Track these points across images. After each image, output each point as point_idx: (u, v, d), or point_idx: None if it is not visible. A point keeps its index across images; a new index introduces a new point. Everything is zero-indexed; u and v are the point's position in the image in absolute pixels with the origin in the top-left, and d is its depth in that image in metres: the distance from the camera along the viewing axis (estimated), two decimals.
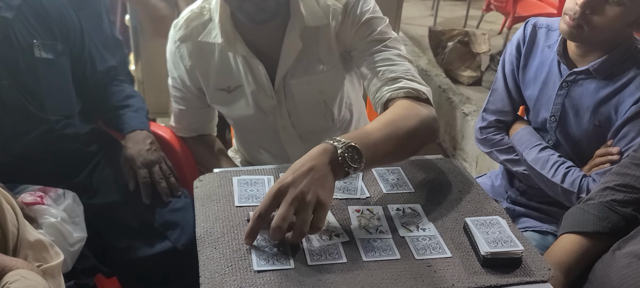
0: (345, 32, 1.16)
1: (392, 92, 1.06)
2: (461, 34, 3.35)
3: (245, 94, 1.20)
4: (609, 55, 1.17)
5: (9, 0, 1.18)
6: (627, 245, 0.94)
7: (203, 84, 1.24)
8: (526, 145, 1.29)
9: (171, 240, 1.23)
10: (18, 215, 0.81)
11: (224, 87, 1.21)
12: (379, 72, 1.10)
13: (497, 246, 0.86)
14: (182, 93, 1.28)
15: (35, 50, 1.22)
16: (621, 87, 1.17)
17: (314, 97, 1.23)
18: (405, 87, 1.06)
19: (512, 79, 1.35)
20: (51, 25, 1.25)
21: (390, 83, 1.08)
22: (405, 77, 1.08)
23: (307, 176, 0.82)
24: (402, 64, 1.11)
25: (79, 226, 1.15)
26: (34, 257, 0.82)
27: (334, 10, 1.15)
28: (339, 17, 1.15)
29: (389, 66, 1.10)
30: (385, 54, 1.12)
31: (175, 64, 1.24)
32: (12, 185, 1.15)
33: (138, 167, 1.26)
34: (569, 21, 1.14)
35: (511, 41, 1.37)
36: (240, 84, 1.20)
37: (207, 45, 1.17)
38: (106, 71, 1.40)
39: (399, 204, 0.99)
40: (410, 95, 1.05)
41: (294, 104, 1.22)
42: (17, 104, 1.20)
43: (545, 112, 1.29)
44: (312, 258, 0.84)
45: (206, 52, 1.19)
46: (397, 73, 1.09)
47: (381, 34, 1.14)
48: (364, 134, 0.91)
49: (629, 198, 1.01)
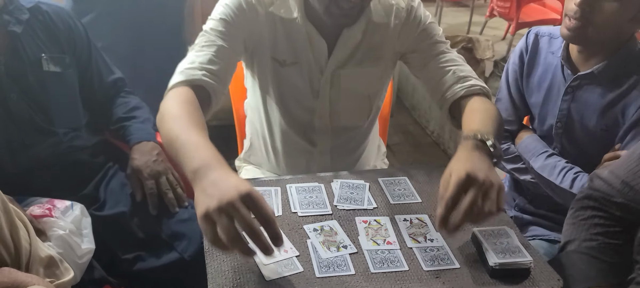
0: (407, 33, 1.20)
1: (466, 89, 1.13)
2: (465, 40, 3.35)
3: (301, 70, 1.20)
4: (613, 58, 1.17)
5: (17, 15, 1.19)
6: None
7: (256, 48, 1.19)
8: (532, 153, 1.29)
9: (178, 251, 1.23)
10: (30, 231, 0.82)
11: (279, 58, 1.19)
12: (449, 72, 1.16)
13: (505, 257, 0.86)
14: (224, 30, 1.12)
15: (43, 63, 1.23)
16: (627, 90, 1.17)
17: (360, 90, 1.26)
18: (477, 85, 1.14)
19: (515, 88, 1.36)
20: (59, 39, 1.26)
21: (462, 81, 1.14)
22: (472, 76, 1.16)
23: (483, 164, 0.88)
24: (465, 65, 1.19)
25: (87, 238, 1.15)
26: (46, 273, 0.82)
27: (397, 10, 1.18)
28: (402, 17, 1.18)
29: (457, 66, 1.17)
30: (449, 55, 1.19)
31: (239, 10, 1.13)
32: (21, 198, 1.16)
33: (145, 178, 1.27)
34: (569, 23, 1.15)
35: (514, 51, 1.37)
36: (296, 61, 1.19)
37: (272, 16, 1.16)
38: (113, 83, 1.41)
39: (406, 215, 1.00)
40: (481, 93, 1.13)
41: (339, 94, 1.24)
42: (26, 116, 1.20)
43: (551, 118, 1.29)
44: (321, 270, 0.84)
45: (270, 20, 1.16)
46: (465, 72, 1.16)
47: (441, 38, 1.21)
48: (485, 126, 0.98)
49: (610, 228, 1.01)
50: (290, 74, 1.21)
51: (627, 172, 0.98)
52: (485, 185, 0.84)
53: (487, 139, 0.93)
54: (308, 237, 0.92)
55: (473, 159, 0.89)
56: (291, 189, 1.05)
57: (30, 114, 1.21)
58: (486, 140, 0.93)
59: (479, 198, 0.83)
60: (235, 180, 0.78)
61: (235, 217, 0.74)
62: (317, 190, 1.06)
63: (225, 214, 0.74)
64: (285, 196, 1.03)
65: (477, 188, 0.83)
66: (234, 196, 0.75)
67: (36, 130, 1.22)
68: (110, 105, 1.40)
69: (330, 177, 1.11)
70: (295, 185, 1.06)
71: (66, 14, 1.31)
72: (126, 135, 1.36)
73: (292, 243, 0.90)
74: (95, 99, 1.38)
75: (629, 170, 0.98)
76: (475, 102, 1.10)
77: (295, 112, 1.27)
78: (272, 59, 1.20)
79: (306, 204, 1.01)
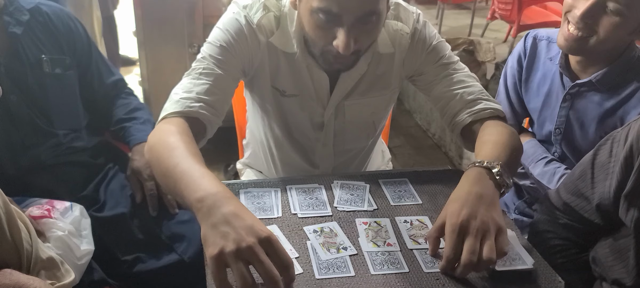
0: (413, 58, 1.16)
1: (474, 115, 1.09)
2: (466, 43, 3.35)
3: (302, 102, 1.17)
4: (612, 67, 1.16)
5: (17, 16, 1.19)
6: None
7: (257, 75, 1.16)
8: (532, 159, 1.29)
9: (178, 253, 1.22)
10: (31, 233, 0.81)
11: (280, 88, 1.16)
12: (457, 95, 1.11)
13: (505, 264, 0.85)
14: (223, 59, 1.07)
15: (43, 65, 1.23)
16: (626, 98, 1.16)
17: (365, 118, 1.23)
18: (487, 108, 1.09)
19: (514, 92, 1.35)
20: (59, 40, 1.26)
21: (471, 105, 1.10)
22: (482, 98, 1.11)
23: (481, 204, 0.83)
24: (475, 85, 1.13)
25: (86, 239, 1.15)
26: (47, 275, 0.82)
27: (401, 36, 1.14)
28: (406, 43, 1.14)
29: (465, 88, 1.12)
30: (457, 75, 1.14)
31: (240, 38, 1.08)
32: (20, 199, 1.15)
33: (145, 179, 1.27)
34: (568, 33, 1.13)
35: (512, 54, 1.37)
36: (298, 93, 1.16)
37: (273, 46, 1.12)
38: (113, 84, 1.41)
39: (406, 216, 0.99)
40: (493, 115, 1.08)
41: (344, 123, 1.21)
42: (26, 118, 1.20)
43: (550, 124, 1.28)
44: (320, 272, 0.84)
45: (272, 50, 1.13)
46: (475, 94, 1.11)
47: (449, 57, 1.16)
48: (496, 154, 0.94)
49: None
50: (292, 104, 1.18)
51: (567, 193, 0.99)
52: (481, 232, 0.81)
53: (493, 167, 0.89)
54: (308, 238, 0.91)
55: (470, 199, 0.84)
56: (291, 190, 1.05)
57: (31, 116, 1.21)
58: (492, 168, 0.89)
59: (477, 247, 0.80)
60: (251, 220, 0.75)
61: (254, 264, 0.72)
62: (317, 191, 1.05)
63: (243, 259, 0.71)
64: (285, 197, 1.03)
65: (472, 238, 0.80)
66: (253, 241, 0.72)
67: (36, 132, 1.22)
68: (110, 107, 1.40)
69: (331, 178, 1.10)
70: (295, 186, 1.06)
71: (66, 15, 1.30)
72: (126, 137, 1.36)
73: (291, 244, 0.90)
74: (95, 100, 1.37)
75: (568, 191, 0.99)
76: (487, 128, 1.06)
77: (298, 138, 1.26)
78: (272, 87, 1.17)
79: (306, 205, 1.00)
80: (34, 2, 1.25)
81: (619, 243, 0.90)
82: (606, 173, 0.90)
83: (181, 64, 2.40)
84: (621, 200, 0.87)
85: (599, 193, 0.91)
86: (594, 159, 0.94)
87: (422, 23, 1.16)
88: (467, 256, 0.79)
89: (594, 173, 0.93)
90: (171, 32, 2.42)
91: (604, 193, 0.90)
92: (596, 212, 0.94)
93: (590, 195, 0.94)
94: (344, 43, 0.95)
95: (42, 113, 1.23)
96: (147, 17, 2.39)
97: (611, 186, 0.88)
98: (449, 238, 0.82)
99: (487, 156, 0.93)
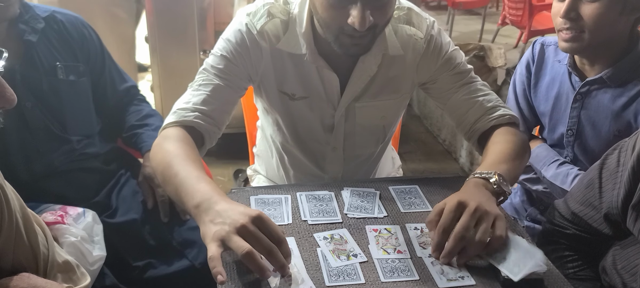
0: (427, 64, 1.16)
1: (495, 120, 1.12)
2: (477, 48, 3.34)
3: (312, 104, 1.18)
4: (622, 62, 1.16)
5: (33, 24, 1.21)
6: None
7: (263, 81, 1.17)
8: (544, 163, 1.28)
9: (189, 259, 1.23)
10: (48, 237, 0.82)
11: (288, 92, 1.17)
12: (477, 103, 1.14)
13: (520, 264, 0.84)
14: (224, 69, 1.11)
15: (58, 72, 1.24)
16: (638, 93, 1.16)
17: (375, 122, 1.24)
18: (505, 114, 1.13)
19: (523, 99, 1.35)
20: (73, 47, 1.28)
21: (491, 112, 1.13)
22: (500, 105, 1.15)
23: (481, 196, 0.88)
24: (491, 93, 1.17)
25: (99, 245, 1.16)
26: (63, 278, 0.83)
27: (414, 41, 1.14)
28: (420, 49, 1.15)
29: (484, 96, 1.15)
30: (475, 84, 1.17)
31: (241, 46, 1.11)
32: (34, 205, 1.17)
33: (156, 185, 1.28)
34: (564, 35, 1.15)
35: (520, 62, 1.37)
36: (307, 95, 1.17)
37: (278, 51, 1.13)
38: (126, 91, 1.43)
39: (417, 223, 0.99)
40: (510, 122, 1.12)
41: (354, 126, 1.22)
42: (40, 124, 1.22)
43: (562, 126, 1.27)
44: (330, 279, 0.84)
45: (276, 55, 1.14)
46: (493, 102, 1.15)
47: (464, 66, 1.18)
48: (497, 163, 0.98)
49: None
50: (301, 107, 1.19)
51: (575, 202, 0.98)
52: (478, 212, 0.84)
53: (491, 177, 0.93)
54: (318, 245, 0.91)
55: (469, 190, 0.90)
56: (301, 197, 1.05)
57: (45, 122, 1.23)
58: (489, 178, 0.93)
59: (471, 225, 0.83)
60: (242, 207, 0.81)
61: (249, 240, 0.77)
62: (328, 198, 1.05)
63: (239, 237, 0.77)
64: (296, 204, 1.03)
65: (468, 215, 0.84)
66: (246, 220, 0.78)
67: (50, 138, 1.24)
68: (123, 113, 1.42)
69: (341, 184, 1.10)
70: (305, 193, 1.06)
71: (80, 23, 1.32)
72: (138, 143, 1.37)
73: (301, 251, 0.90)
74: (108, 106, 1.39)
75: (576, 201, 0.98)
76: (496, 136, 1.09)
77: (308, 142, 1.26)
78: (280, 92, 1.17)
79: (316, 212, 1.01)
80: (49, 10, 1.27)
81: (627, 252, 0.89)
82: (614, 182, 0.89)
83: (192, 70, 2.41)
84: (629, 210, 0.86)
85: (607, 203, 0.91)
86: (602, 168, 0.93)
87: (437, 30, 1.17)
88: (460, 229, 0.83)
89: (602, 182, 0.92)
90: (183, 38, 2.45)
91: (612, 202, 0.89)
92: (605, 222, 0.93)
93: (598, 205, 0.93)
94: (359, 18, 0.96)
95: (56, 119, 1.24)
96: (160, 23, 2.42)
97: (619, 196, 0.88)
98: (446, 213, 0.86)
99: (487, 166, 0.97)
